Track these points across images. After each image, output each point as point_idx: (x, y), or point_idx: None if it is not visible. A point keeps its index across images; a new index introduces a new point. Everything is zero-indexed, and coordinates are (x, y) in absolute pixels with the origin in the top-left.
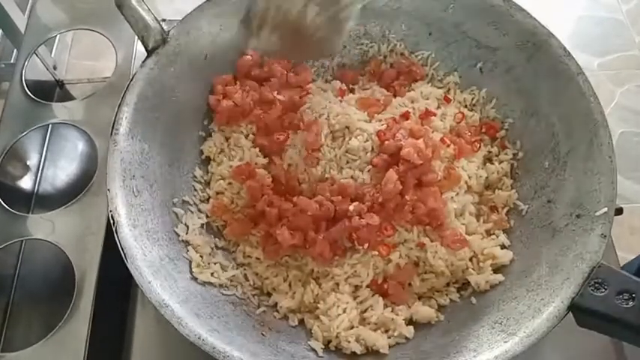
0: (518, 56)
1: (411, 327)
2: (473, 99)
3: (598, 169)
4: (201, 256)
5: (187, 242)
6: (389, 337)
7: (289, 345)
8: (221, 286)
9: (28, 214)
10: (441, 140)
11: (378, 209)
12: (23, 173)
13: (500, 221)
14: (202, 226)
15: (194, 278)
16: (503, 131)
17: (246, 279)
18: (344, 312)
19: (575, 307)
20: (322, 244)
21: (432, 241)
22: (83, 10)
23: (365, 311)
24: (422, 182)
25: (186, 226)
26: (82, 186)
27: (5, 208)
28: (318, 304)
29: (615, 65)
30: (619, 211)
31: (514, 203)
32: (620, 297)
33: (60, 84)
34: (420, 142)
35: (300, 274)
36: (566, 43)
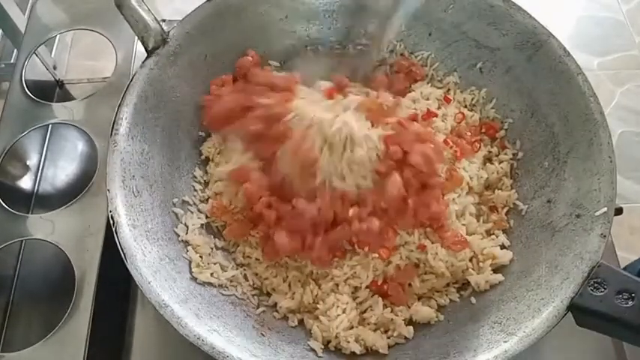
0: (518, 56)
1: (410, 327)
2: (473, 99)
3: (598, 169)
4: (201, 257)
5: (187, 242)
6: (388, 338)
7: (289, 345)
8: (221, 286)
9: (28, 214)
10: (444, 142)
11: (380, 214)
12: (23, 173)
13: (500, 221)
14: (202, 226)
15: (194, 278)
16: (503, 131)
17: (246, 279)
18: (343, 312)
19: (574, 306)
20: (321, 247)
21: (432, 243)
22: (83, 10)
23: (364, 312)
24: (426, 186)
25: (186, 226)
26: (82, 186)
27: (5, 208)
28: (318, 304)
29: (615, 65)
30: (619, 211)
31: (514, 203)
32: (620, 297)
33: (60, 84)
34: (427, 146)
35: (299, 275)
36: (566, 43)
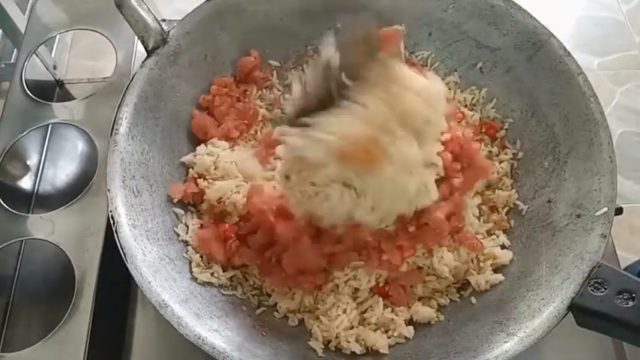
0: (519, 56)
1: (410, 327)
2: (473, 99)
3: (598, 169)
4: (201, 256)
5: (187, 242)
6: (389, 338)
7: (289, 345)
8: (221, 286)
9: (28, 214)
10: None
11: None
12: (23, 173)
13: (500, 221)
14: (202, 226)
15: (194, 278)
16: (503, 131)
17: (246, 279)
18: (344, 312)
19: (575, 306)
20: (321, 278)
21: (439, 246)
22: (83, 10)
23: (365, 312)
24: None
25: (186, 226)
26: (82, 186)
27: (5, 208)
28: (318, 304)
29: (615, 65)
30: (619, 210)
31: (514, 203)
32: (620, 297)
33: (60, 84)
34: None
35: None
36: (566, 43)
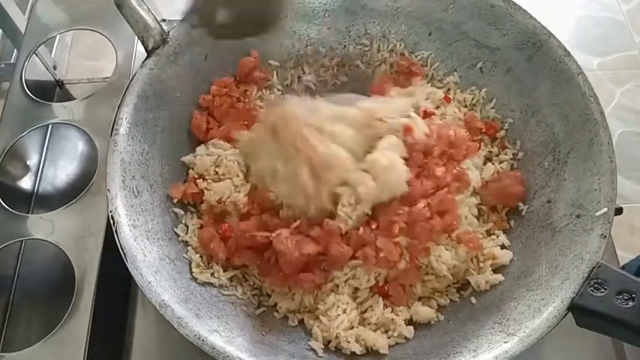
0: (518, 56)
1: (411, 327)
2: (473, 99)
3: (598, 169)
4: (201, 257)
5: (187, 242)
6: (389, 338)
7: (289, 345)
8: (221, 286)
9: (28, 214)
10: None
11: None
12: (23, 173)
13: (500, 221)
14: (202, 226)
15: (194, 278)
16: (504, 131)
17: (246, 279)
18: (344, 312)
19: (574, 307)
20: (320, 277)
21: (437, 245)
22: (83, 10)
23: (365, 312)
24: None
25: (186, 226)
26: (82, 186)
27: (5, 208)
28: (318, 304)
29: (615, 65)
30: (619, 210)
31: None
32: (620, 297)
33: (60, 84)
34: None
35: None
36: (566, 43)
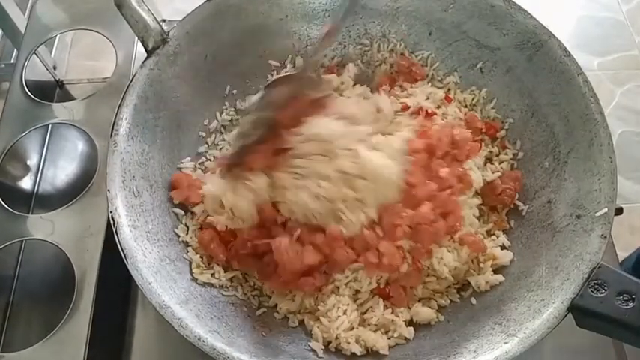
0: (519, 56)
1: (411, 328)
2: (473, 99)
3: (598, 169)
4: (202, 257)
5: (187, 243)
6: (389, 338)
7: (289, 345)
8: (221, 286)
9: (28, 214)
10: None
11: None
12: (23, 173)
13: (500, 222)
14: (202, 227)
15: (194, 279)
16: (504, 131)
17: (246, 280)
18: (344, 313)
19: (574, 307)
20: (321, 280)
21: (439, 247)
22: (83, 10)
23: (365, 312)
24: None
25: (186, 226)
26: (82, 186)
27: (5, 208)
28: (319, 305)
29: (615, 65)
30: (619, 211)
31: (514, 204)
32: (620, 298)
33: (60, 84)
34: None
35: None
36: (566, 43)
